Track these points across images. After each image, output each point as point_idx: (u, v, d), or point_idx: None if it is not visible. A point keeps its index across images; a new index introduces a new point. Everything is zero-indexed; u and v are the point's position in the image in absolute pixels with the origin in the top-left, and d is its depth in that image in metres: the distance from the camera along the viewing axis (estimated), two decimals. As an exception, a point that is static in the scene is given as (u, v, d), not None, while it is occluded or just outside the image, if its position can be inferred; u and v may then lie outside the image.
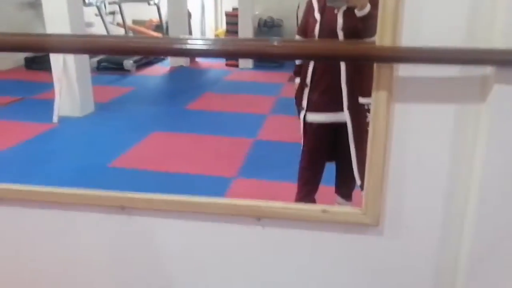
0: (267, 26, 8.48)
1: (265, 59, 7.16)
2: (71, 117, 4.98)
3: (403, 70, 1.17)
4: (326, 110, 2.31)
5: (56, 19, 4.75)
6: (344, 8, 2.15)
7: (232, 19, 8.42)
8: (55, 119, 4.85)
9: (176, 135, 4.53)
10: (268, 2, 9.38)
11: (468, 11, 1.10)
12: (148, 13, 9.97)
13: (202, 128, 4.74)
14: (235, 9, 8.52)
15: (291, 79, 2.74)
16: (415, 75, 1.17)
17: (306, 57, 1.99)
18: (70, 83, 4.97)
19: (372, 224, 1.29)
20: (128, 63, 7.44)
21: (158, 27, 10.00)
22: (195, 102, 5.84)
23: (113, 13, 9.27)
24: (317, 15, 2.24)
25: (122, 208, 1.41)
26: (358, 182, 2.31)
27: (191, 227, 1.43)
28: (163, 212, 1.42)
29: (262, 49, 1.29)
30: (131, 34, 9.61)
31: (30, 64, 7.44)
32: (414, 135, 1.22)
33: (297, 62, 2.46)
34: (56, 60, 4.86)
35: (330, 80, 2.25)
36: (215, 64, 8.46)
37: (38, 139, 4.37)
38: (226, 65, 8.40)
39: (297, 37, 2.46)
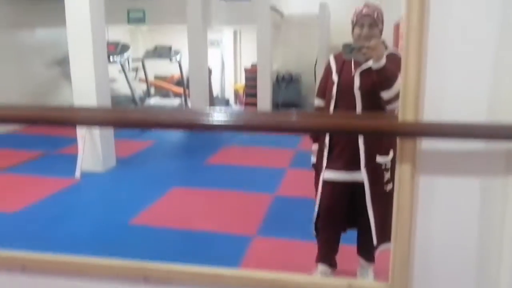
0: (285, 81, 8.66)
1: (285, 132, 7.24)
2: (93, 172, 5.06)
3: (427, 143, 1.17)
4: (343, 168, 2.34)
5: (82, 77, 4.94)
6: (360, 69, 2.24)
7: (251, 74, 8.65)
8: (77, 174, 4.93)
9: (196, 191, 4.54)
10: (286, 58, 9.63)
11: (489, 87, 1.11)
12: (170, 69, 10.30)
13: (221, 183, 4.75)
14: (253, 65, 8.75)
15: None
16: (439, 148, 1.17)
17: (328, 131, 2.02)
18: (93, 138, 5.08)
19: (400, 299, 1.25)
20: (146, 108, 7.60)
21: (179, 83, 10.30)
22: (215, 156, 5.90)
23: (136, 69, 9.60)
24: (335, 77, 2.34)
25: (145, 278, 1.40)
26: (375, 242, 2.30)
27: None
28: (185, 282, 1.40)
29: (284, 124, 1.31)
30: (153, 89, 9.92)
31: (55, 119, 7.66)
32: (440, 207, 1.20)
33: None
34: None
35: (348, 139, 2.31)
36: (234, 117, 8.55)
37: (60, 195, 4.42)
38: (245, 118, 8.50)
39: (316, 100, 2.53)
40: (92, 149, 5.11)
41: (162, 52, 8.73)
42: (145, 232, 3.56)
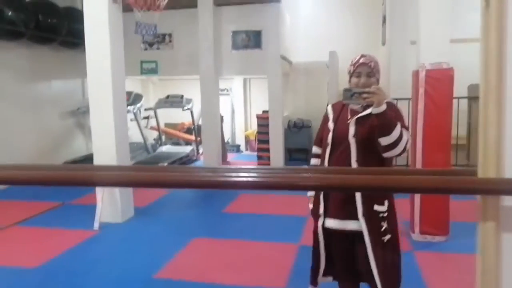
0: (296, 127, 8.70)
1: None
2: (112, 223, 4.99)
3: (510, 200, 1.14)
4: (341, 217, 2.30)
5: (102, 127, 4.97)
6: (356, 117, 2.26)
7: (262, 121, 8.70)
8: (96, 226, 4.86)
9: (218, 242, 4.45)
10: (295, 104, 9.73)
11: None
12: (179, 117, 10.42)
13: (242, 233, 4.67)
14: (265, 112, 8.83)
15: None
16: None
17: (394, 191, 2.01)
18: (112, 189, 5.04)
19: None
20: (163, 165, 7.61)
21: (189, 130, 10.39)
22: (232, 204, 5.83)
23: (147, 117, 9.70)
24: (331, 125, 2.37)
25: None
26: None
27: None
28: None
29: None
30: (163, 136, 9.97)
31: (69, 169, 7.64)
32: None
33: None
34: (100, 167, 4.98)
35: None
36: (247, 164, 8.57)
37: (80, 248, 4.34)
38: (258, 164, 8.51)
39: (314, 148, 2.55)
40: (111, 200, 5.06)
41: (175, 101, 8.85)
42: (170, 287, 3.46)
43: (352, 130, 2.26)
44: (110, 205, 5.06)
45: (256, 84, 11.27)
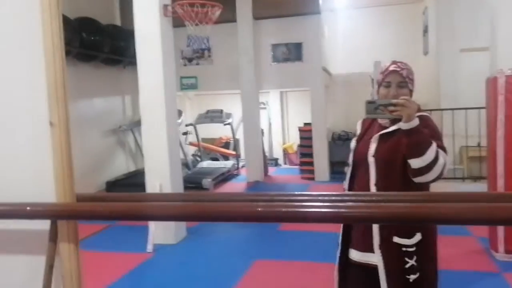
0: (341, 139, 8.43)
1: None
2: (165, 244, 4.78)
3: None
4: (358, 247, 2.01)
5: (155, 145, 4.81)
6: (380, 133, 1.94)
7: (305, 134, 8.47)
8: (149, 248, 4.66)
9: (281, 264, 4.20)
10: (337, 117, 9.48)
11: None
12: (216, 131, 10.30)
13: (304, 253, 4.42)
14: (306, 124, 8.61)
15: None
16: None
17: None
18: (164, 209, 4.85)
19: None
20: (207, 181, 7.42)
21: (227, 145, 10.23)
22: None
23: (186, 133, 9.57)
24: (353, 143, 2.08)
25: None
26: None
27: None
28: None
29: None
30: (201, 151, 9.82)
31: (111, 187, 7.53)
32: None
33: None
34: (152, 186, 4.81)
35: None
36: (290, 178, 8.32)
37: (137, 272, 4.14)
38: (302, 178, 8.25)
39: (346, 167, 2.16)
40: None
41: (215, 116, 8.71)
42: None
43: (372, 148, 1.94)
44: (162, 225, 4.86)
45: (292, 97, 11.07)
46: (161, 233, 4.83)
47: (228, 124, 8.87)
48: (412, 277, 1.87)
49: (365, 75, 8.42)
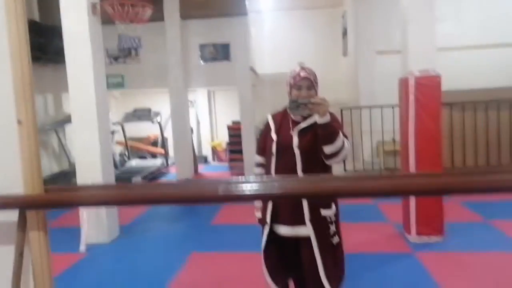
0: (268, 136, 8.71)
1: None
2: (98, 244, 4.76)
3: None
4: (287, 222, 2.39)
5: (86, 144, 4.76)
6: (298, 128, 2.36)
7: (234, 131, 8.69)
8: (82, 248, 4.61)
9: (218, 255, 4.36)
10: (264, 115, 9.77)
11: None
12: (143, 130, 10.21)
13: (238, 244, 4.60)
14: (235, 123, 8.83)
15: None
16: None
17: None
18: (97, 207, 4.81)
19: None
20: (137, 180, 7.38)
21: (155, 143, 10.18)
22: (218, 216, 5.75)
23: (112, 132, 9.38)
24: (274, 135, 2.43)
25: None
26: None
27: None
28: None
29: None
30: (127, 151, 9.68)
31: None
32: None
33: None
34: (82, 182, 4.75)
35: None
36: (220, 174, 8.49)
37: (70, 273, 4.07)
38: (232, 174, 8.46)
39: (256, 157, 2.60)
40: (96, 219, 4.83)
41: (142, 114, 8.65)
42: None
43: (296, 140, 2.35)
44: (95, 224, 4.82)
45: (220, 95, 11.24)
46: (93, 232, 4.79)
47: (157, 122, 8.84)
48: (334, 240, 2.38)
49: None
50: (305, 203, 2.31)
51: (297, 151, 2.33)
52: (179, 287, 3.62)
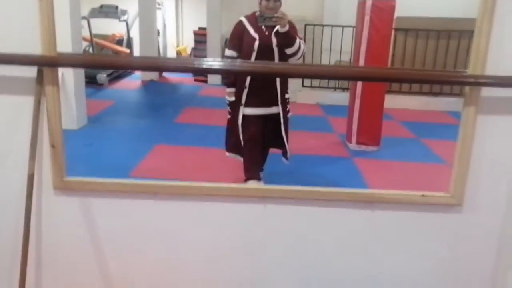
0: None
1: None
2: (67, 129, 5.02)
3: (487, 91, 1.67)
4: (263, 105, 3.28)
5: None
6: (274, 31, 3.08)
7: (199, 37, 8.82)
8: (52, 131, 4.92)
9: (179, 148, 4.80)
10: (230, 24, 9.84)
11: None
12: (108, 28, 10.08)
13: (199, 140, 5.02)
14: (201, 28, 8.93)
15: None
16: (495, 95, 1.67)
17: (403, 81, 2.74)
18: (66, 95, 5.06)
19: (457, 204, 1.78)
20: (102, 77, 7.55)
21: (119, 42, 10.13)
22: (181, 116, 6.13)
23: (77, 26, 9.26)
24: (255, 34, 3.14)
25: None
26: (288, 152, 3.42)
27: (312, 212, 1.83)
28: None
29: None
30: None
31: None
32: (493, 138, 1.73)
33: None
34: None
35: (266, 82, 3.20)
36: (184, 79, 8.75)
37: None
38: (195, 80, 8.73)
39: (229, 51, 3.27)
40: (65, 105, 5.08)
41: (109, 12, 8.56)
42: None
43: (274, 41, 3.12)
44: (64, 110, 5.06)
45: (187, 0, 11.11)
46: (63, 118, 5.06)
47: (124, 21, 8.80)
48: (289, 114, 3.39)
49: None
50: (278, 89, 3.21)
51: (275, 49, 3.13)
52: (142, 172, 4.02)
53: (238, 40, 3.20)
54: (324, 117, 6.40)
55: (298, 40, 3.13)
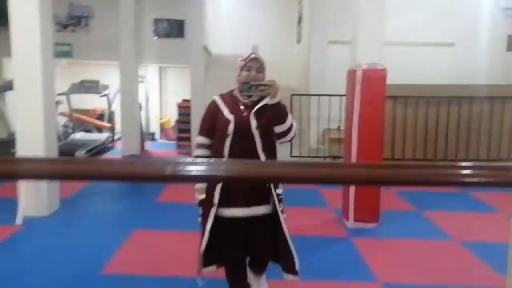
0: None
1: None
2: (37, 217, 4.62)
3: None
4: (244, 205, 2.47)
5: (29, 116, 4.57)
6: (254, 109, 2.44)
7: (184, 110, 8.63)
8: (19, 220, 4.47)
9: (159, 233, 4.37)
10: (214, 95, 9.75)
11: None
12: (91, 103, 9.90)
13: (181, 223, 4.60)
14: (186, 101, 8.76)
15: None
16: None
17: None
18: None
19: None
20: (81, 154, 7.20)
21: (100, 117, 9.92)
22: (163, 194, 5.73)
23: (57, 102, 9.03)
24: (230, 116, 2.45)
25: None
26: (297, 264, 2.61)
27: None
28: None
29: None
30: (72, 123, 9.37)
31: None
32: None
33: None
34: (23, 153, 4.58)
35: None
36: (167, 152, 8.43)
37: (3, 247, 3.94)
38: (179, 153, 8.42)
39: (201, 138, 2.56)
40: (35, 191, 4.68)
41: (91, 87, 8.39)
42: (123, 282, 3.33)
43: (254, 122, 2.42)
44: (33, 196, 4.68)
45: (171, 73, 11.08)
46: (32, 204, 4.65)
47: (105, 95, 8.60)
48: (284, 215, 2.54)
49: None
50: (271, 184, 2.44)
51: (256, 132, 2.41)
52: (117, 267, 3.57)
53: (209, 124, 2.52)
54: (315, 189, 6.04)
55: (290, 116, 2.43)
